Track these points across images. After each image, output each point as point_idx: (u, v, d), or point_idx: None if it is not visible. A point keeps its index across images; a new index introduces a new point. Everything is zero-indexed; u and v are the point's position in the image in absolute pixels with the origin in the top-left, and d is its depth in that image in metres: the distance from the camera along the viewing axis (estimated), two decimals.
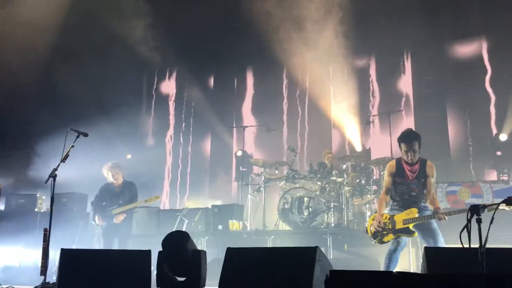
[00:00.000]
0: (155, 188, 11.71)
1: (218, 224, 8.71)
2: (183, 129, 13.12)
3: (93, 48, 10.59)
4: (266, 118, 11.50)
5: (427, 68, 10.82)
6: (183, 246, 4.17)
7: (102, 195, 8.03)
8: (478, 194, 7.61)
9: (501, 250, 3.61)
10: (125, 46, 10.80)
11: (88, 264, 4.39)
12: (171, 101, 13.51)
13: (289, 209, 8.08)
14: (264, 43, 10.29)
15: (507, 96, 9.95)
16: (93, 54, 10.61)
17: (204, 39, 11.40)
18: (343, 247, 7.88)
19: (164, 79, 13.76)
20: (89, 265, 4.38)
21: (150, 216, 9.12)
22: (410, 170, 5.55)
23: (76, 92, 10.79)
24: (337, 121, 11.10)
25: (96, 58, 10.61)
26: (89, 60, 10.60)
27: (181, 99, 13.38)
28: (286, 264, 3.79)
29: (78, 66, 10.46)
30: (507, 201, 3.32)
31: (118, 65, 10.91)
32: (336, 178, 8.21)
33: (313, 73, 11.34)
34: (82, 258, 4.52)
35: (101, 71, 10.82)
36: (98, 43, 10.57)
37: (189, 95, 13.28)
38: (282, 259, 3.90)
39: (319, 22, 9.82)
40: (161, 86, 13.79)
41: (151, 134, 13.36)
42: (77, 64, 10.45)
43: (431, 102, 10.74)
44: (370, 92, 11.36)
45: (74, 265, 4.36)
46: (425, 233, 5.35)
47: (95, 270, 4.31)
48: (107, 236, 7.80)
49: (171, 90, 13.69)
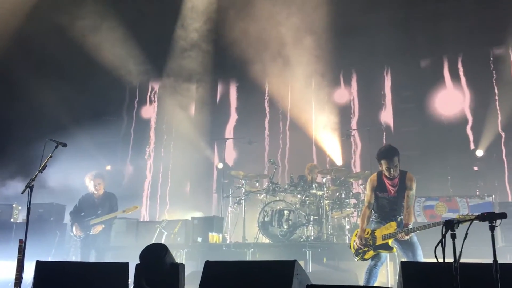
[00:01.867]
0: (135, 200, 11.59)
1: (198, 236, 8.67)
2: (164, 142, 13.02)
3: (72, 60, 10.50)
4: (248, 133, 11.55)
5: (406, 83, 11.03)
6: (161, 258, 4.14)
7: (81, 206, 7.94)
8: (454, 209, 7.74)
9: (474, 265, 3.66)
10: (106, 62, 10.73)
11: (64, 277, 4.32)
12: (152, 113, 13.41)
13: (269, 222, 8.09)
14: (248, 60, 10.33)
15: (484, 113, 10.20)
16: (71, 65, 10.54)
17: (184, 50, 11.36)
18: (322, 260, 7.91)
19: (146, 90, 13.65)
20: (65, 277, 4.31)
21: (129, 228, 9.02)
22: (391, 184, 5.62)
23: (53, 102, 10.68)
24: (318, 136, 11.20)
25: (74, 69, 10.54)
26: (66, 69, 10.51)
27: (163, 111, 13.29)
28: (264, 278, 3.80)
29: (53, 75, 10.38)
30: (480, 217, 3.39)
31: (98, 76, 10.83)
32: (316, 191, 8.27)
33: (295, 89, 11.47)
34: (58, 270, 4.45)
35: (80, 80, 10.74)
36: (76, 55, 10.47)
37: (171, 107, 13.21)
38: (260, 272, 3.90)
39: (299, 40, 9.91)
40: (143, 97, 13.68)
41: (132, 146, 13.20)
42: (52, 73, 10.38)
43: (410, 117, 10.93)
44: (351, 108, 11.50)
45: (50, 278, 4.29)
46: (404, 246, 5.41)
47: (71, 282, 4.25)
48: (85, 248, 7.70)
49: (153, 101, 13.59)
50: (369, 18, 10.63)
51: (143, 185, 12.76)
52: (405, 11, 10.70)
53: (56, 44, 10.23)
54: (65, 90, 10.73)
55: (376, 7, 10.38)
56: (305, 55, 10.06)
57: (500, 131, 10.08)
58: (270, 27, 9.98)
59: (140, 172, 12.82)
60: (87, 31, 10.27)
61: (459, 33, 10.21)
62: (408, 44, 10.58)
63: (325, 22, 9.70)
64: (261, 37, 9.99)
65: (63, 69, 10.82)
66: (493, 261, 3.21)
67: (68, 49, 10.42)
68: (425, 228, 5.14)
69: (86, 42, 10.37)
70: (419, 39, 10.63)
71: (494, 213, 3.38)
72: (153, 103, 13.44)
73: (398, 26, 10.41)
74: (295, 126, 11.57)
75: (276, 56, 10.23)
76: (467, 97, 10.56)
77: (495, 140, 10.04)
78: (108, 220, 7.80)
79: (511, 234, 7.12)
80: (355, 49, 10.58)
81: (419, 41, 10.66)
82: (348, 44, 10.44)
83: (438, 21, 10.45)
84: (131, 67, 11.49)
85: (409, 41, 10.57)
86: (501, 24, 9.92)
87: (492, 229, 3.31)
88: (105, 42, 10.51)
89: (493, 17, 10.02)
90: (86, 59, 10.62)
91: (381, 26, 10.13)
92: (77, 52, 10.49)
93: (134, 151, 13.06)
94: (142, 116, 13.52)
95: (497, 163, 9.99)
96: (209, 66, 11.58)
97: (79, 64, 10.78)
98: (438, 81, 10.84)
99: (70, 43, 10.28)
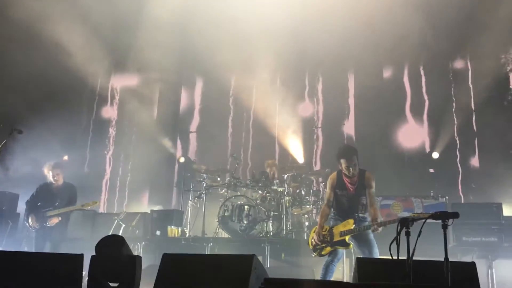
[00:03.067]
0: (93, 192, 11.34)
1: (156, 229, 8.57)
2: (125, 134, 12.76)
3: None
4: (212, 128, 11.49)
5: (368, 84, 11.25)
6: (117, 251, 4.07)
7: (38, 195, 7.71)
8: (410, 208, 7.96)
9: (427, 262, 3.78)
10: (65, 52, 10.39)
11: (15, 267, 4.17)
12: (114, 104, 13.12)
13: (229, 217, 8.09)
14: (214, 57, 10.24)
15: (440, 116, 10.54)
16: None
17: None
18: (280, 256, 7.98)
19: (108, 83, 13.29)
20: (16, 268, 4.16)
21: (85, 219, 8.82)
22: (350, 182, 5.75)
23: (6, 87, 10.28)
24: (281, 134, 11.29)
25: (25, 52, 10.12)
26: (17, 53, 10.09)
27: (125, 105, 13.01)
28: (222, 272, 3.80)
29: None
30: (434, 216, 3.50)
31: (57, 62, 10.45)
32: (277, 188, 8.32)
33: (260, 88, 11.50)
34: (7, 260, 4.28)
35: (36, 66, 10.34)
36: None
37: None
38: (218, 266, 3.90)
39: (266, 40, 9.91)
40: (104, 88, 13.31)
41: (91, 136, 12.86)
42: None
43: (371, 117, 11.15)
44: (315, 108, 11.62)
45: (0, 268, 4.13)
46: (361, 243, 5.54)
47: (23, 273, 4.11)
48: (39, 239, 7.50)
49: (114, 92, 13.27)
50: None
51: (102, 177, 12.47)
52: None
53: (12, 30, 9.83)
54: (21, 78, 10.33)
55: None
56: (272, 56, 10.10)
57: (455, 136, 10.44)
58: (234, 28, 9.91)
59: (99, 163, 12.52)
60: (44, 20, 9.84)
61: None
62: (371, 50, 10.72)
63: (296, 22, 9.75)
64: (226, 36, 9.91)
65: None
66: (445, 259, 3.33)
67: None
68: (388, 224, 5.28)
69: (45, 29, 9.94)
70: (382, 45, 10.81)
71: (447, 213, 3.51)
72: (115, 96, 13.12)
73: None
74: (259, 123, 11.60)
75: (242, 53, 10.17)
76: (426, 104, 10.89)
77: (450, 144, 10.40)
78: (65, 212, 7.61)
79: (462, 235, 7.39)
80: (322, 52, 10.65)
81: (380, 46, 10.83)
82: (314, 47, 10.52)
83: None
84: (92, 61, 11.20)
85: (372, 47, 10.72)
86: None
87: (444, 227, 3.44)
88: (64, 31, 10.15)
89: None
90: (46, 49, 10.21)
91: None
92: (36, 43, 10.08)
93: (94, 142, 12.73)
94: (102, 108, 13.17)
95: (451, 166, 10.34)
96: (174, 60, 11.42)
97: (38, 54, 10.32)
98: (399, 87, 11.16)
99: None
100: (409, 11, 9.09)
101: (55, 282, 4.04)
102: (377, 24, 9.40)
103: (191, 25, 10.09)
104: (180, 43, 10.89)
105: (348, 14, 9.47)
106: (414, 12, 9.14)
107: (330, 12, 9.47)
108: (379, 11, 9.25)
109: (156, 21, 10.16)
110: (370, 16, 9.39)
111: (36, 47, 10.11)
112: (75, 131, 12.43)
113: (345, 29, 9.61)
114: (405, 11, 9.06)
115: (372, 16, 9.35)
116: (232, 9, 9.69)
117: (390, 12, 9.06)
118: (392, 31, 9.28)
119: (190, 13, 10.30)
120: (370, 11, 9.36)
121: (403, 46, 10.02)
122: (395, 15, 9.05)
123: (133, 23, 10.64)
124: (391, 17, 9.08)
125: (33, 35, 9.83)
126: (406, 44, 9.92)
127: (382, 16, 9.20)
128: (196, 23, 10.01)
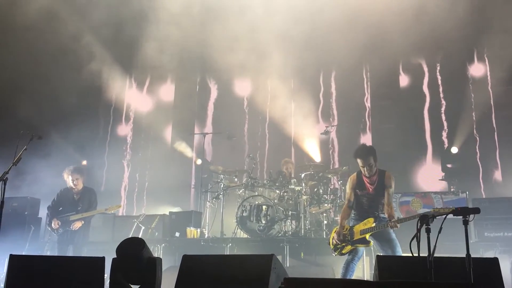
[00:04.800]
0: (113, 195, 11.47)
1: (176, 231, 8.62)
2: (142, 136, 12.87)
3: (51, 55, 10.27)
4: (228, 129, 11.51)
5: (384, 81, 11.16)
6: (138, 253, 4.11)
7: (60, 200, 7.84)
8: (429, 205, 7.87)
9: (448, 259, 3.74)
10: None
11: (38, 271, 4.24)
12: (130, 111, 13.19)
13: (247, 217, 8.10)
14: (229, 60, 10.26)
15: (458, 111, 10.41)
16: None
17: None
18: (299, 255, 7.97)
19: (124, 84, 13.39)
20: (39, 272, 4.23)
21: (106, 223, 8.92)
22: (370, 182, 5.74)
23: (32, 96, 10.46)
24: (297, 134, 11.27)
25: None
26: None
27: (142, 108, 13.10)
28: (242, 272, 3.80)
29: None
30: (455, 211, 3.46)
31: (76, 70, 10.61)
32: (295, 187, 8.30)
33: (274, 89, 11.51)
34: (32, 264, 4.36)
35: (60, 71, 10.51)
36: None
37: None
38: (238, 266, 3.91)
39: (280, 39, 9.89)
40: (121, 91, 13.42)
41: (109, 141, 12.99)
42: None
43: (387, 114, 11.06)
44: (330, 106, 11.56)
45: (24, 272, 4.21)
46: (383, 243, 5.52)
47: (46, 277, 4.18)
48: (62, 243, 7.62)
49: (131, 95, 13.36)
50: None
51: (121, 182, 12.58)
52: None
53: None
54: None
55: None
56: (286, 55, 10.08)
57: (475, 133, 10.31)
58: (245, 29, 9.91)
59: (118, 168, 12.63)
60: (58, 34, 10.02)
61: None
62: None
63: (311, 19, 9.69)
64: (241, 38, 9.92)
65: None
66: (466, 255, 3.29)
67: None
68: (407, 220, 5.26)
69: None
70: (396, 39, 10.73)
71: (468, 208, 3.46)
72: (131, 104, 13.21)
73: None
74: (274, 125, 11.60)
75: (256, 55, 10.16)
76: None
77: (469, 139, 10.27)
78: (88, 217, 7.74)
79: (483, 230, 7.31)
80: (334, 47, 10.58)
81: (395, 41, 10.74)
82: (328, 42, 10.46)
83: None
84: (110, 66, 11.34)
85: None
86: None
87: (465, 223, 3.39)
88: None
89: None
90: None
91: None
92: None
93: (111, 148, 12.85)
94: (119, 112, 13.28)
95: (471, 161, 10.19)
96: (190, 64, 11.48)
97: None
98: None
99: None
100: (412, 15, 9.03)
101: (78, 284, 4.10)
102: (386, 27, 9.33)
103: (206, 27, 10.11)
104: (196, 46, 10.94)
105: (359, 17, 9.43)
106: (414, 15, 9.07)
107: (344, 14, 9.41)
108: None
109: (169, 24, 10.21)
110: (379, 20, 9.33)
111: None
112: (94, 136, 12.58)
113: (357, 30, 9.56)
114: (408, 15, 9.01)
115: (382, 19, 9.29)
116: (247, 12, 9.68)
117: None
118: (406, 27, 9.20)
119: (203, 15, 10.33)
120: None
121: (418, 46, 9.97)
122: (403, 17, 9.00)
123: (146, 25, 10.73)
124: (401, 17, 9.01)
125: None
126: (422, 43, 9.87)
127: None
128: (210, 26, 10.03)
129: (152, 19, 10.21)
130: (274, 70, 10.54)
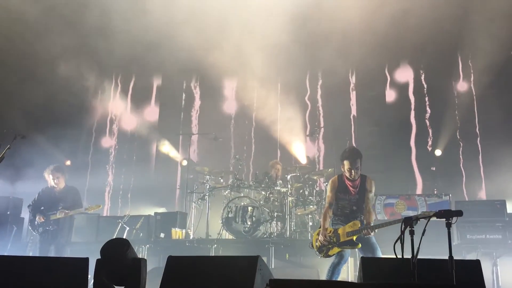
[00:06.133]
0: (97, 196, 11.36)
1: (161, 232, 8.58)
2: (128, 136, 12.77)
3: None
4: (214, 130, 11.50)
5: (370, 85, 11.27)
6: (122, 253, 4.07)
7: (41, 199, 7.73)
8: (413, 207, 7.96)
9: (431, 261, 3.78)
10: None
11: (20, 272, 4.18)
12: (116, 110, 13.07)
13: (233, 218, 8.10)
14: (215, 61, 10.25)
15: (442, 112, 10.54)
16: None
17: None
18: (285, 256, 7.99)
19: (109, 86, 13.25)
20: (21, 272, 4.17)
21: (90, 223, 8.85)
22: (352, 186, 5.77)
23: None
24: (283, 136, 11.31)
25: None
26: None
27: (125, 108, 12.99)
28: (227, 273, 3.80)
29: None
30: (438, 214, 3.50)
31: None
32: (280, 188, 8.33)
33: (261, 91, 11.53)
34: (13, 265, 4.29)
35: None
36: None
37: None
38: (223, 267, 3.91)
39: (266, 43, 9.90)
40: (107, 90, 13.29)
41: (93, 140, 12.85)
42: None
43: (371, 117, 11.15)
44: (317, 109, 11.62)
45: (5, 273, 4.14)
46: (364, 248, 5.55)
47: (27, 278, 4.11)
48: (44, 243, 7.52)
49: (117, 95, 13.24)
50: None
51: (106, 181, 12.46)
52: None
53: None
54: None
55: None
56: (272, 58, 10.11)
57: (458, 137, 10.44)
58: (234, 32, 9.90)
59: (102, 168, 12.50)
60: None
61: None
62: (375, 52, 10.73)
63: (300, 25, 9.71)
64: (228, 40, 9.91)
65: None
66: (449, 257, 3.33)
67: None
68: (387, 225, 5.29)
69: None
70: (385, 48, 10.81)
71: (450, 211, 3.51)
72: (115, 97, 13.08)
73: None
74: (261, 127, 11.61)
75: (243, 57, 10.15)
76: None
77: (452, 142, 10.39)
78: (70, 216, 7.64)
79: (466, 233, 7.39)
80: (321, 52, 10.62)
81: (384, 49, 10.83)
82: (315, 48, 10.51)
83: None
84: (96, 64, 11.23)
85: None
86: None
87: (448, 226, 3.44)
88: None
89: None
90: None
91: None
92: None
93: (96, 147, 12.72)
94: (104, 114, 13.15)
95: (454, 164, 10.32)
96: (175, 64, 11.41)
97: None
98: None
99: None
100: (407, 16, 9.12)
101: (60, 286, 4.04)
102: (377, 27, 9.39)
103: (192, 27, 10.07)
104: (181, 46, 10.90)
105: (348, 19, 9.47)
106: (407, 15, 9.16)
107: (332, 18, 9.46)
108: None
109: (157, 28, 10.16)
110: (371, 20, 9.39)
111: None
112: (78, 136, 12.45)
113: (345, 33, 9.62)
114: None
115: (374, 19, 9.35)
116: (234, 12, 9.67)
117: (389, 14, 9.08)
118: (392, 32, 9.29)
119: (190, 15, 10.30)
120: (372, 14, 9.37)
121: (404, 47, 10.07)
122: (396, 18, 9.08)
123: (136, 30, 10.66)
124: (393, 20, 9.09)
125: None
126: (407, 45, 9.97)
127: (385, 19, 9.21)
128: (196, 26, 10.00)
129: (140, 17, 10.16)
130: (261, 73, 10.55)
